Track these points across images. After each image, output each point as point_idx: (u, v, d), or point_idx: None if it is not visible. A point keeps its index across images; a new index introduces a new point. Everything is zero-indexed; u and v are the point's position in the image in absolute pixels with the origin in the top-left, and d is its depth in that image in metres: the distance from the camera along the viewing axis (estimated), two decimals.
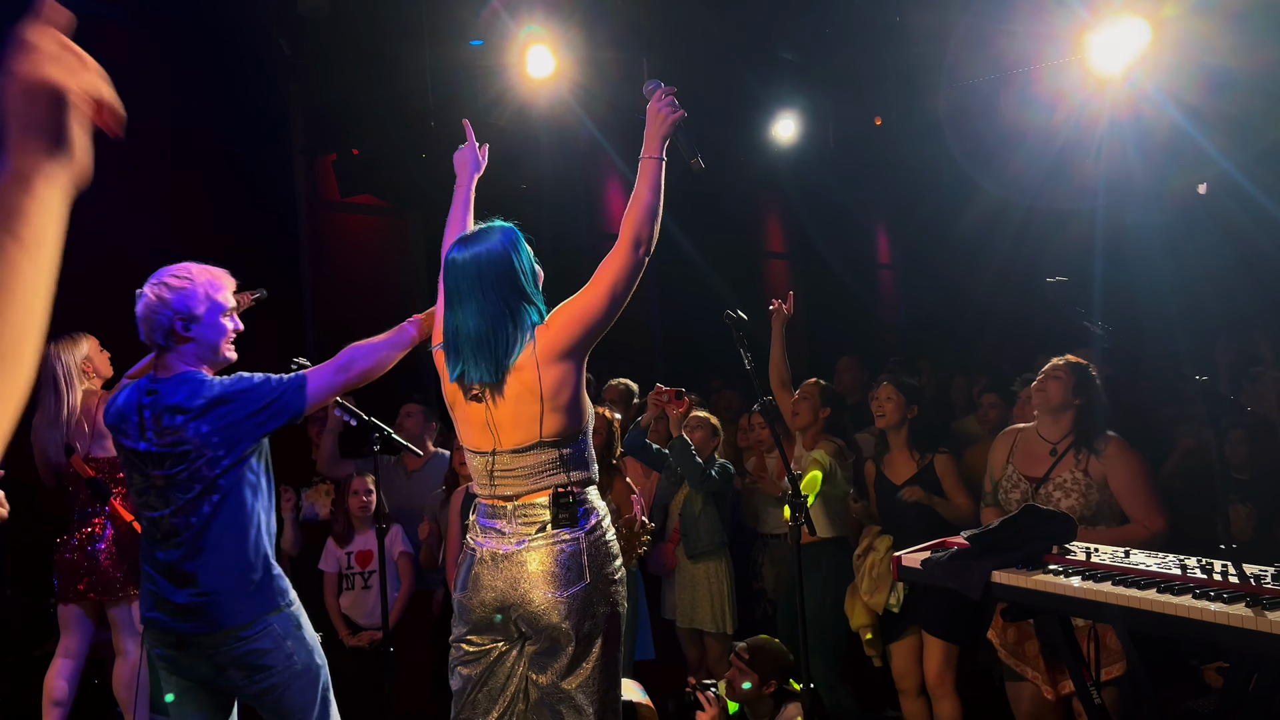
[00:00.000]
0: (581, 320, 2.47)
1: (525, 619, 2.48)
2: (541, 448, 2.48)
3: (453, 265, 2.52)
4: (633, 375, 5.59)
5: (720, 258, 8.82)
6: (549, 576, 2.44)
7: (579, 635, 2.44)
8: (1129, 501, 3.38)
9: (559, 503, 2.47)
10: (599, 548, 2.50)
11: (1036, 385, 3.60)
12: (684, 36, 6.89)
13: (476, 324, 2.46)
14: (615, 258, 2.49)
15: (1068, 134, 6.78)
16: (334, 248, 6.70)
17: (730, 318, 3.36)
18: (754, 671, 3.61)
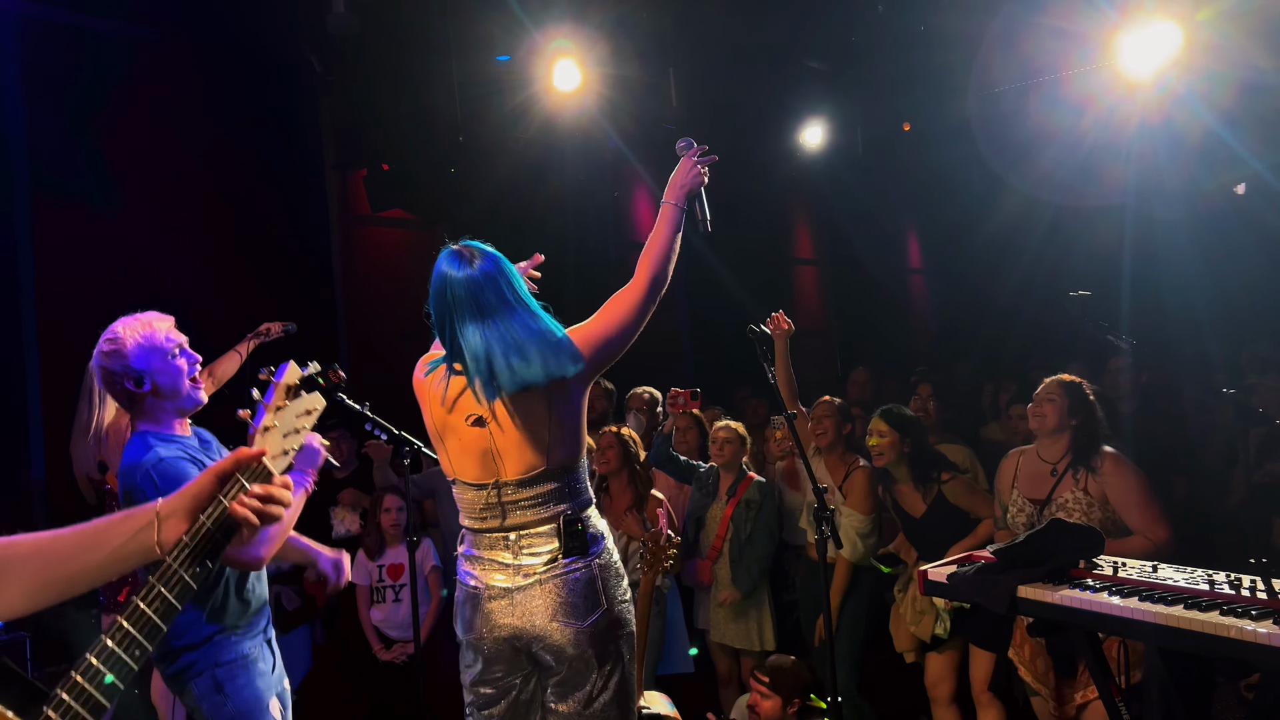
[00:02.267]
0: (595, 343, 2.44)
1: (547, 652, 2.45)
2: (548, 477, 2.44)
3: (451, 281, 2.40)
4: (661, 383, 5.61)
5: (749, 265, 8.82)
6: (567, 608, 2.41)
7: (601, 663, 2.44)
8: (1130, 514, 3.38)
9: (569, 531, 2.43)
10: (609, 571, 2.48)
11: (1032, 408, 3.61)
12: (710, 47, 6.91)
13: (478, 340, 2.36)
14: (632, 291, 2.49)
15: (1097, 137, 6.73)
16: (365, 261, 6.79)
17: (753, 332, 3.38)
18: (776, 694, 3.58)
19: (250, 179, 6.00)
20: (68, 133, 5.14)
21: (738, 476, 4.64)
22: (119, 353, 2.66)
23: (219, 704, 2.65)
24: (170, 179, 5.56)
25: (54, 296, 5.04)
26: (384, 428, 3.74)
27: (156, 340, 2.68)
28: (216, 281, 5.53)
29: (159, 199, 5.49)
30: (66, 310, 5.03)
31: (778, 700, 3.58)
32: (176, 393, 2.69)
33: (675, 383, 4.73)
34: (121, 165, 5.31)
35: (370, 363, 6.37)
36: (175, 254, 5.37)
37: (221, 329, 5.03)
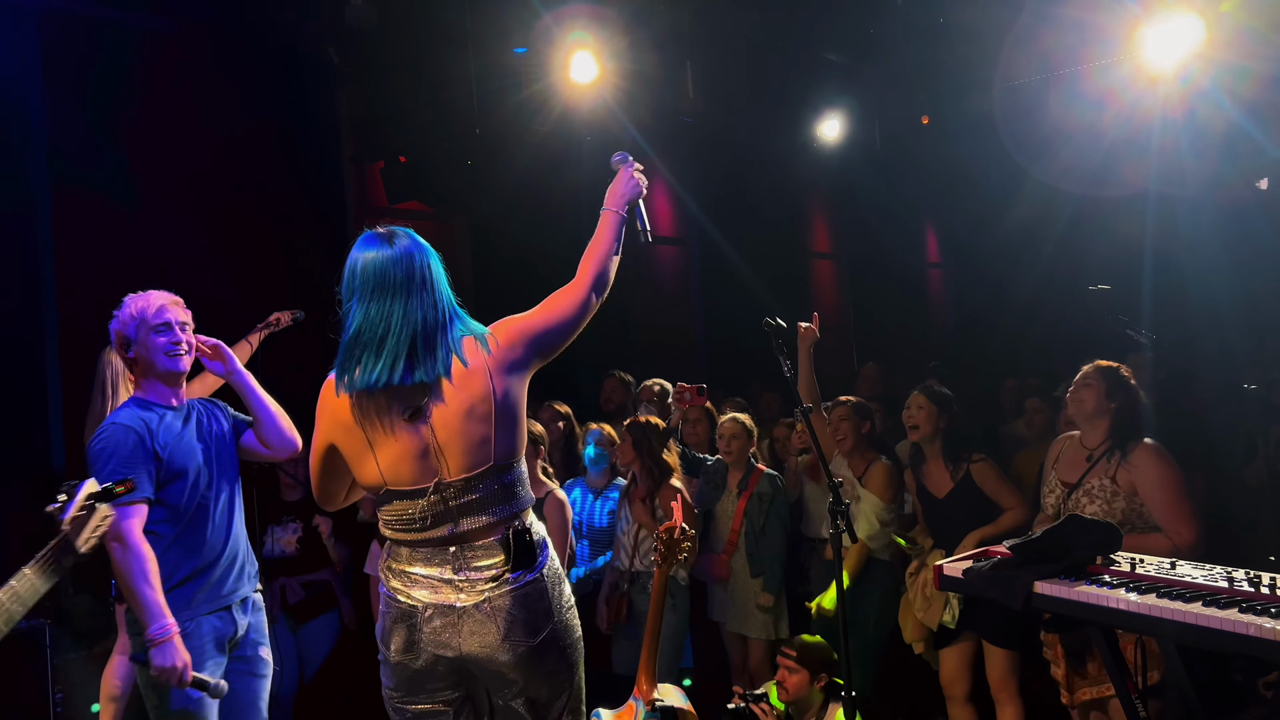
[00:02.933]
0: (534, 334, 2.32)
1: (495, 674, 2.31)
2: (493, 474, 2.26)
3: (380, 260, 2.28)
4: (676, 376, 5.60)
5: (765, 259, 8.81)
6: (520, 625, 2.25)
7: (554, 674, 2.34)
8: (1157, 510, 3.32)
9: (519, 544, 2.27)
10: (556, 580, 2.35)
11: (1071, 395, 3.57)
12: (728, 39, 6.89)
13: (417, 320, 2.23)
14: (574, 289, 2.40)
15: (1118, 131, 6.67)
16: None
17: (769, 325, 3.37)
18: (804, 668, 3.64)
19: (268, 171, 6.02)
20: (87, 125, 5.17)
21: (747, 470, 4.64)
22: (118, 319, 3.06)
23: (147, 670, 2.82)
24: (188, 171, 5.59)
25: (74, 288, 5.07)
26: None
27: (146, 315, 3.03)
28: (234, 273, 5.56)
29: (177, 191, 5.52)
30: (86, 301, 5.05)
31: (805, 674, 3.64)
32: (151, 365, 3.02)
33: (690, 376, 4.73)
34: (140, 157, 5.34)
35: None
36: (193, 245, 5.40)
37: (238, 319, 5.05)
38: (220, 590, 2.99)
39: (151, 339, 3.01)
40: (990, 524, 3.92)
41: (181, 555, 2.93)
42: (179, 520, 2.94)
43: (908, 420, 4.10)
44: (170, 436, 2.96)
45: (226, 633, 2.98)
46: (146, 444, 2.89)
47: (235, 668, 3.02)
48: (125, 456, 2.85)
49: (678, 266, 9.05)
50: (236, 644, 3.04)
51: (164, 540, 2.91)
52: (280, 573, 4.81)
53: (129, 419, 2.94)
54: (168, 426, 2.99)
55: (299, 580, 4.85)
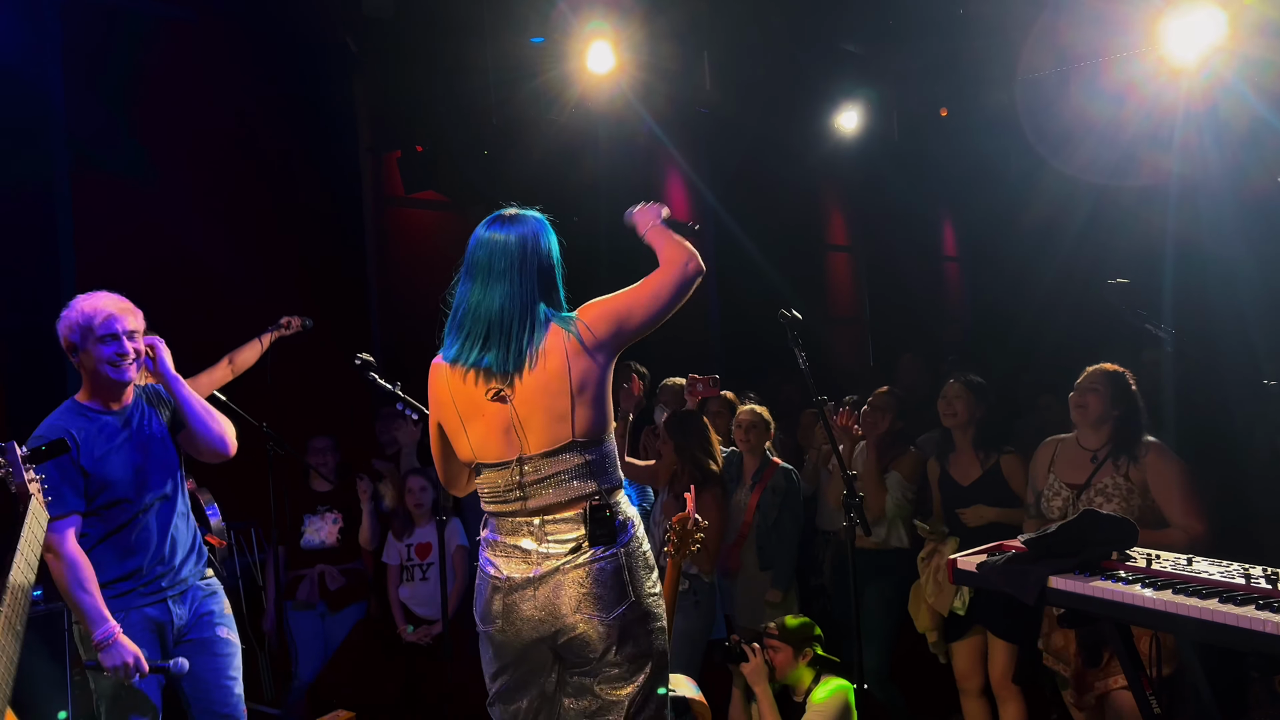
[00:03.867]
0: (620, 317, 2.35)
1: (569, 647, 2.33)
2: (573, 450, 2.31)
3: (485, 243, 2.40)
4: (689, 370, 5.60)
5: (781, 251, 8.77)
6: (591, 600, 2.28)
7: (627, 658, 2.32)
8: (1169, 506, 3.37)
9: (596, 518, 2.30)
10: (638, 561, 2.35)
11: (1074, 397, 3.59)
12: (745, 30, 6.85)
13: (502, 305, 2.33)
14: (664, 268, 2.41)
15: (1139, 124, 6.61)
16: (398, 243, 6.82)
17: (785, 317, 3.36)
18: (786, 645, 3.69)
19: (285, 160, 6.04)
20: (106, 112, 5.20)
21: (762, 463, 4.63)
22: (64, 321, 2.98)
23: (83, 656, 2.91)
24: (206, 159, 5.62)
25: (92, 275, 5.06)
26: (415, 407, 3.76)
27: (93, 322, 2.94)
28: (251, 261, 5.59)
29: (195, 179, 5.54)
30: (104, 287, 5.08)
31: (788, 651, 3.69)
32: (95, 374, 2.96)
33: (705, 368, 4.72)
34: (158, 144, 5.37)
35: (402, 343, 6.40)
36: (211, 234, 5.43)
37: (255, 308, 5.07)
38: (157, 585, 3.00)
39: (97, 349, 2.94)
40: (1016, 509, 3.90)
41: (113, 556, 2.94)
42: (108, 524, 2.95)
43: (944, 409, 4.11)
44: (101, 448, 2.94)
45: (163, 620, 3.00)
46: (73, 456, 2.85)
47: (189, 651, 3.04)
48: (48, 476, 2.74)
49: None
50: (182, 632, 3.05)
51: (91, 539, 2.92)
52: (320, 560, 4.85)
53: (51, 431, 2.89)
54: (104, 434, 2.96)
55: (339, 568, 4.89)
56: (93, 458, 2.91)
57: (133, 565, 2.96)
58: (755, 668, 3.65)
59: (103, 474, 2.91)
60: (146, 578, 2.98)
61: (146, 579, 2.98)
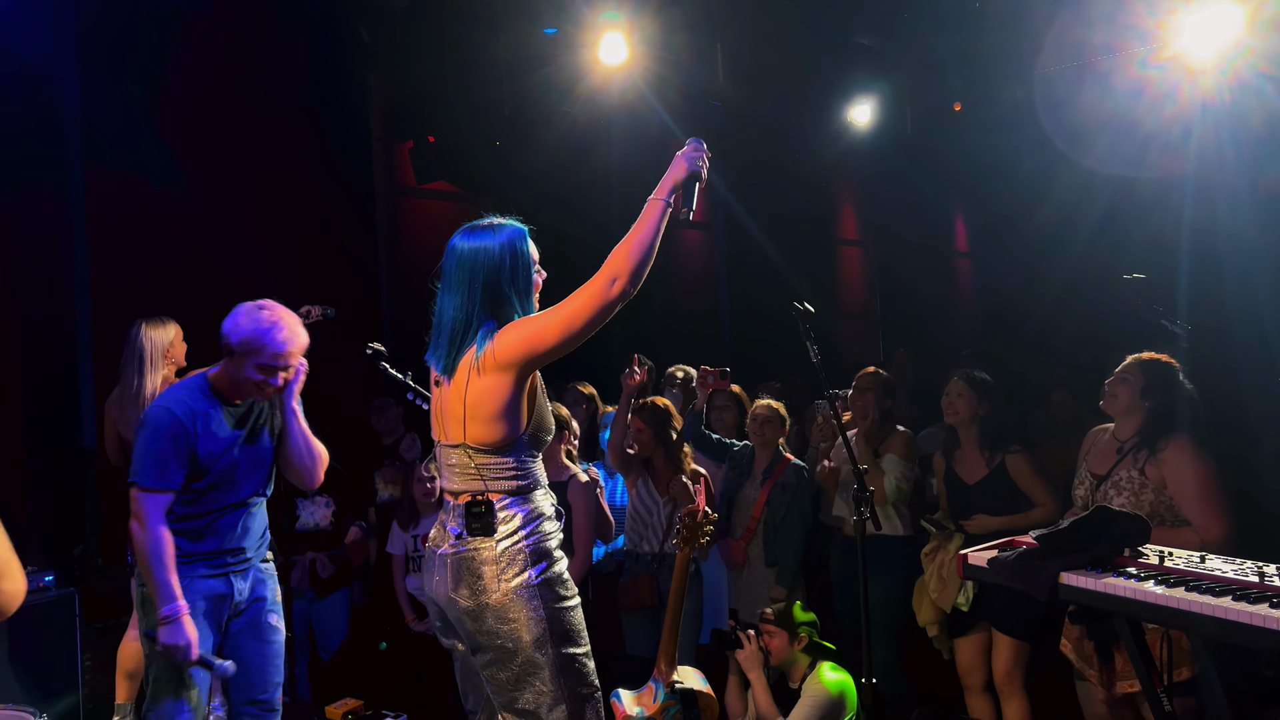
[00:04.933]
0: (529, 340, 2.42)
1: (454, 622, 2.54)
2: (464, 450, 2.50)
3: (453, 251, 2.56)
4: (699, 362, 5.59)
5: (792, 244, 8.76)
6: (460, 584, 2.47)
7: (495, 644, 2.45)
8: (1186, 505, 3.28)
9: (471, 511, 2.47)
10: (514, 555, 2.45)
11: (1107, 388, 3.53)
12: (758, 22, 6.83)
13: (452, 315, 2.51)
14: (588, 287, 2.40)
15: (1155, 121, 6.56)
16: (410, 233, 6.83)
17: (797, 309, 3.35)
18: (782, 629, 3.70)
19: (298, 149, 6.05)
20: (121, 103, 5.21)
21: (774, 458, 4.61)
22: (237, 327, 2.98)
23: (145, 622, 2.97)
24: (219, 149, 5.62)
25: (106, 265, 5.12)
26: (424, 397, 3.77)
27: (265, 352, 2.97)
28: (263, 251, 5.60)
29: (208, 169, 5.55)
30: (119, 280, 5.12)
31: (784, 635, 3.70)
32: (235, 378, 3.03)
33: (714, 361, 4.71)
34: (173, 135, 5.38)
35: (413, 333, 6.39)
36: (223, 225, 5.44)
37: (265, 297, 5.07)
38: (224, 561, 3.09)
39: (251, 370, 2.99)
40: (1019, 514, 3.89)
41: (189, 540, 3.01)
42: (195, 510, 3.02)
43: (946, 406, 4.08)
44: (212, 438, 3.00)
45: (224, 593, 3.06)
46: (188, 438, 2.94)
47: (241, 631, 3.11)
48: (161, 448, 2.91)
49: (704, 251, 9.03)
50: (239, 608, 3.11)
51: (175, 518, 2.99)
52: (311, 547, 4.89)
53: (181, 407, 2.97)
54: (216, 423, 3.02)
55: (329, 555, 4.93)
56: (205, 444, 2.97)
57: (207, 548, 3.05)
58: (750, 654, 3.66)
59: (208, 462, 2.98)
60: (216, 559, 3.07)
61: (216, 559, 3.07)
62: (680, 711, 3.41)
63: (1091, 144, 7.45)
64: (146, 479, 2.92)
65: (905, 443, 4.35)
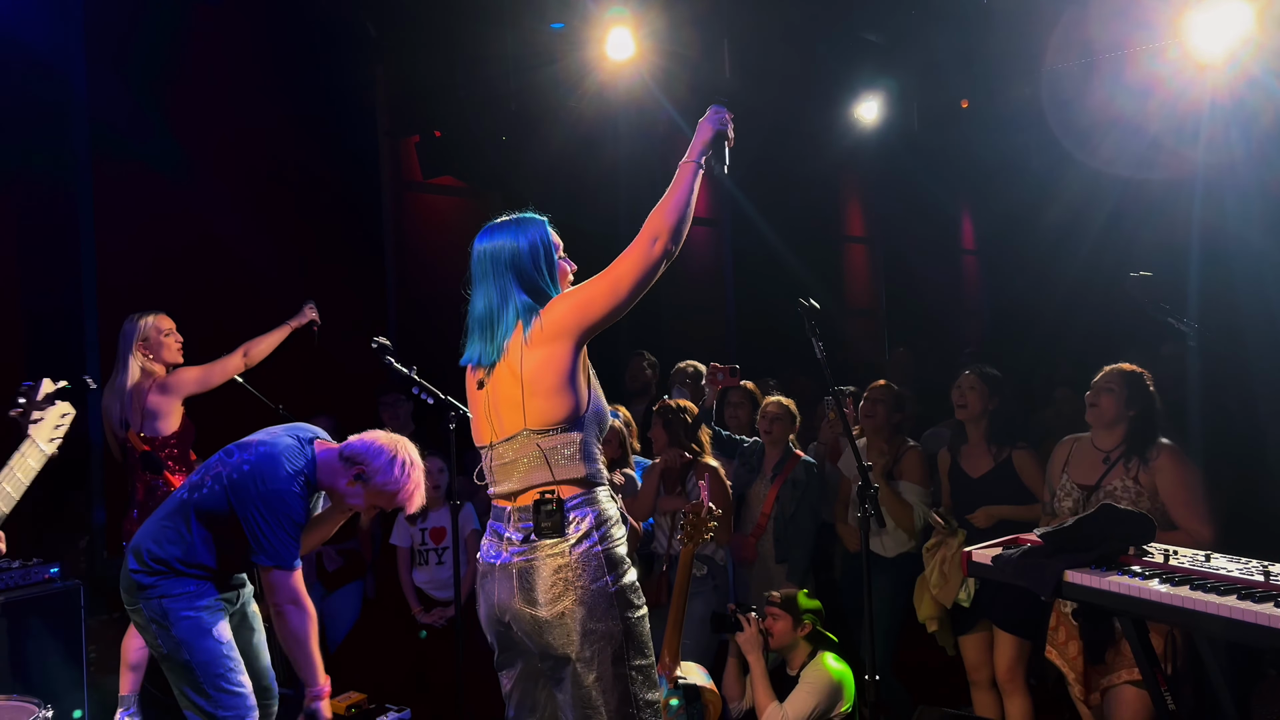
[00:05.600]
0: (580, 308, 2.40)
1: (523, 635, 2.41)
2: (525, 437, 2.39)
3: (479, 252, 2.55)
4: (705, 359, 5.59)
5: (798, 241, 8.74)
6: (531, 593, 2.34)
7: (572, 656, 2.33)
8: (1176, 510, 3.33)
9: (540, 510, 2.35)
10: (588, 560, 2.35)
11: (1090, 396, 3.54)
12: (766, 17, 6.81)
13: (483, 306, 2.48)
14: (630, 250, 2.40)
15: (1164, 118, 6.54)
16: (416, 228, 6.83)
17: (803, 306, 3.34)
18: (787, 614, 3.70)
19: (304, 143, 6.05)
20: (128, 97, 5.21)
21: (784, 454, 4.61)
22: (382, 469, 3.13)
23: (164, 628, 3.00)
24: (226, 142, 5.63)
25: (111, 257, 5.13)
26: (430, 392, 3.77)
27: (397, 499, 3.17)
28: (268, 245, 5.60)
29: (214, 162, 5.56)
30: (126, 272, 5.13)
31: (788, 620, 3.70)
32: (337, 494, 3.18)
33: (720, 358, 4.71)
34: (179, 128, 5.38)
35: (419, 328, 6.42)
36: (229, 217, 5.45)
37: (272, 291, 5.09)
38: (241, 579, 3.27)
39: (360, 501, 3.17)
40: (1022, 507, 3.88)
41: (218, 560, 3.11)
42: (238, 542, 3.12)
43: (957, 399, 4.08)
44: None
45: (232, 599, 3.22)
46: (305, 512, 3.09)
47: (239, 627, 3.22)
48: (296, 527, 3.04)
49: (710, 248, 9.01)
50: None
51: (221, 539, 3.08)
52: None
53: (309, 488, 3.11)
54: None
55: (337, 548, 4.94)
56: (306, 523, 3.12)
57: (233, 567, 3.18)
58: (750, 637, 3.66)
59: None
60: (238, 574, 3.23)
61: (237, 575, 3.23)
62: (684, 706, 3.42)
63: (1100, 143, 7.42)
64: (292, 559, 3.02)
65: (919, 463, 4.34)
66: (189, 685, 3.00)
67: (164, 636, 3.00)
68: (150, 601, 3.00)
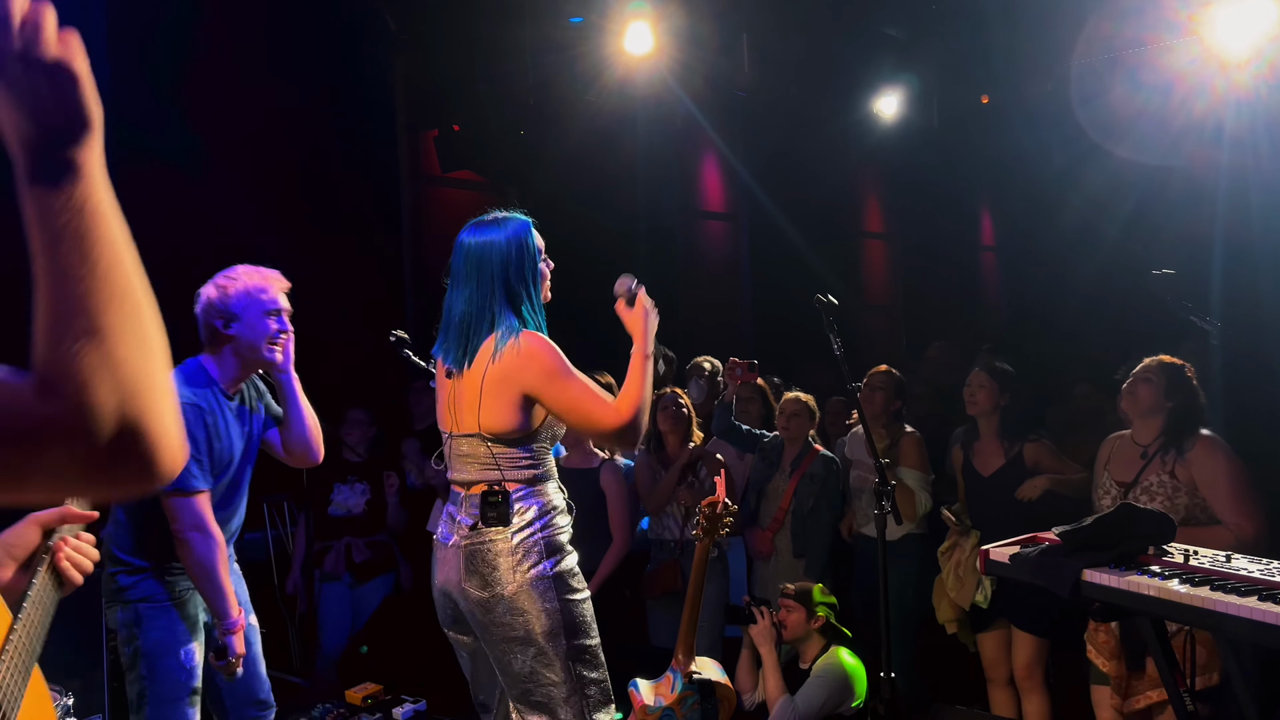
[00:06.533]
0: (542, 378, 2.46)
1: (466, 613, 2.54)
2: (480, 439, 2.52)
3: (460, 247, 2.60)
4: (723, 353, 5.58)
5: (816, 236, 8.70)
6: (474, 575, 2.48)
7: (511, 638, 2.46)
8: (1217, 503, 3.25)
9: (488, 500, 2.49)
10: (529, 546, 2.47)
11: (1126, 388, 3.48)
12: (785, 12, 6.79)
13: (463, 310, 2.55)
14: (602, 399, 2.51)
15: (1187, 116, 6.48)
16: (434, 222, 6.84)
17: (820, 301, 3.33)
18: (800, 606, 3.69)
19: (324, 137, 6.07)
20: (149, 90, 5.24)
21: (803, 449, 4.60)
22: (221, 291, 2.84)
23: (130, 638, 2.81)
24: (245, 135, 5.65)
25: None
26: None
27: (262, 295, 2.85)
28: (288, 237, 5.61)
29: (233, 156, 5.58)
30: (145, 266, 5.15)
31: (801, 612, 3.69)
32: (251, 348, 2.85)
33: (737, 353, 4.70)
34: (199, 122, 5.40)
35: (437, 321, 6.43)
36: (247, 210, 5.46)
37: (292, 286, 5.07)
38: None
39: (262, 322, 2.83)
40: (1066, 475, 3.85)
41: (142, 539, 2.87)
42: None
43: (968, 397, 4.05)
44: (223, 426, 2.85)
45: None
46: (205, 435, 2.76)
47: None
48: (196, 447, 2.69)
49: (727, 242, 9.00)
50: None
51: None
52: (347, 532, 4.92)
53: (203, 400, 2.77)
54: (224, 415, 2.85)
55: (365, 541, 4.95)
56: (220, 436, 2.82)
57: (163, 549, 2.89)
58: (763, 630, 3.66)
59: (222, 458, 2.84)
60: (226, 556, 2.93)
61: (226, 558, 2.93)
62: (698, 702, 3.42)
63: (1123, 138, 7.36)
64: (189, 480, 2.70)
65: (916, 448, 4.31)
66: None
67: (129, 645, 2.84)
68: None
